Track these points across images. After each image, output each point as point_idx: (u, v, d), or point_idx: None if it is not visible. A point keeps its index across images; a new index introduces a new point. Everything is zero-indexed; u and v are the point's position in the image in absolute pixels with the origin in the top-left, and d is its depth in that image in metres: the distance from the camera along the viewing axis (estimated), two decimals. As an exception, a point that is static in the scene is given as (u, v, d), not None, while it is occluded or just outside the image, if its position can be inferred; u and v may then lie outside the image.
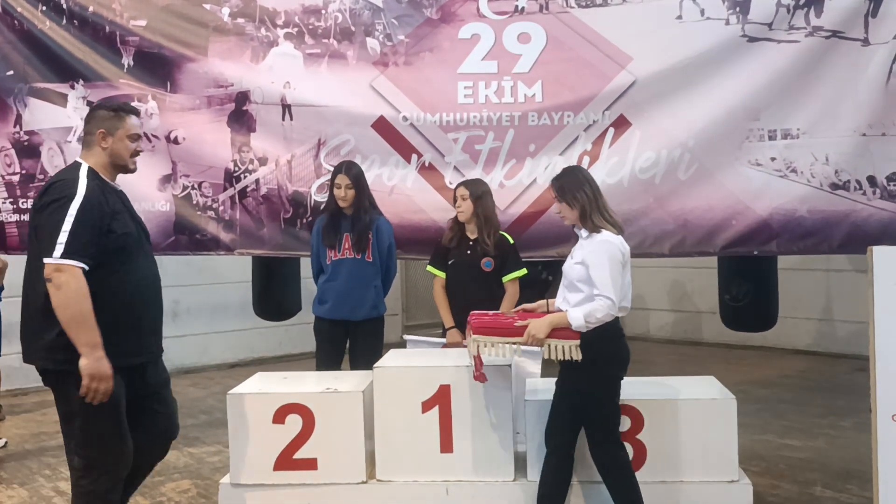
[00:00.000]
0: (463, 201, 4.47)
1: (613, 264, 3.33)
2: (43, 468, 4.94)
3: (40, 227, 3.01)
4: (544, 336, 3.36)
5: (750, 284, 5.36)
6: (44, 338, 3.02)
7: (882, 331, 3.28)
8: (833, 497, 4.14)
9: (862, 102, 4.48)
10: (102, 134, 3.14)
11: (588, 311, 3.31)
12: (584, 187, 3.45)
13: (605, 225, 3.42)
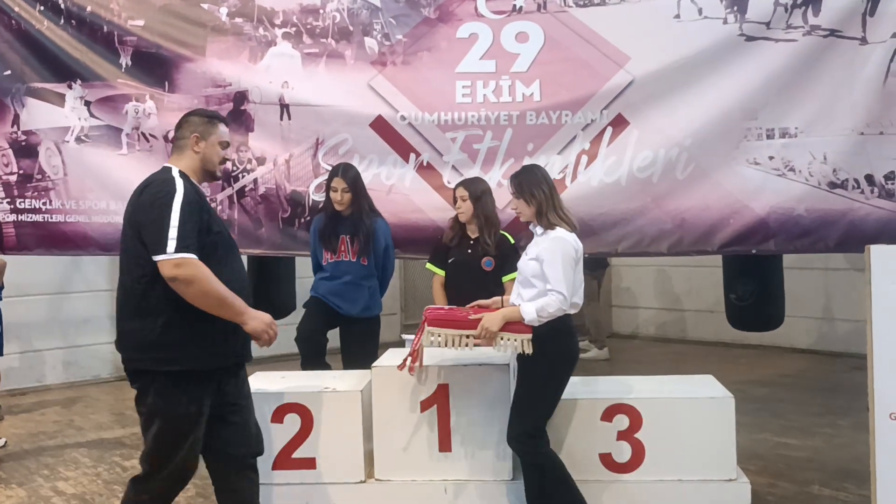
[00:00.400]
0: (463, 202, 4.47)
1: (566, 261, 3.39)
2: (41, 468, 4.94)
3: (145, 226, 2.93)
4: (497, 329, 3.42)
5: (755, 284, 5.36)
6: (135, 337, 2.98)
7: (880, 330, 3.29)
8: (831, 495, 4.15)
9: (859, 101, 4.48)
10: (196, 138, 3.14)
11: (541, 306, 3.37)
12: (541, 185, 3.52)
13: (560, 222, 3.49)
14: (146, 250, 2.91)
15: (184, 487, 3.15)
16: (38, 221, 4.89)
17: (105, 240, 4.93)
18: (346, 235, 4.57)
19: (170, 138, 4.86)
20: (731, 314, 5.59)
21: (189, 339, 2.95)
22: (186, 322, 2.93)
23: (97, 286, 7.63)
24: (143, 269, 2.93)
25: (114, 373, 7.68)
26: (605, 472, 3.77)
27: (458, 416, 3.81)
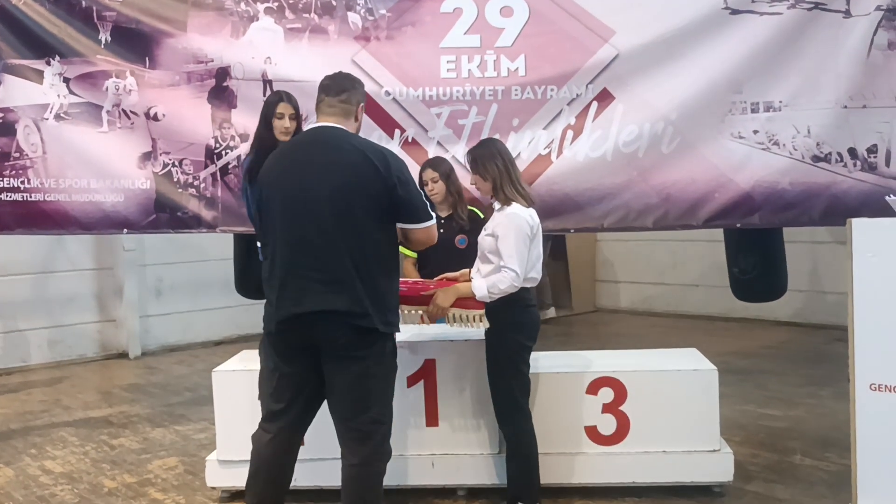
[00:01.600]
0: (434, 184, 4.44)
1: (519, 236, 3.38)
2: (29, 447, 4.94)
3: (400, 194, 3.01)
4: (448, 305, 3.42)
5: (757, 256, 5.39)
6: (378, 301, 3.00)
7: (860, 302, 3.32)
8: (812, 464, 4.21)
9: (843, 74, 4.49)
10: (362, 107, 3.21)
11: (492, 283, 3.38)
12: (495, 159, 3.49)
13: (516, 197, 3.46)
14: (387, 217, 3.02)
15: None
16: (17, 200, 4.83)
17: (86, 218, 4.88)
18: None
19: (151, 115, 4.85)
20: (736, 287, 5.62)
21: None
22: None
23: (82, 265, 7.59)
24: (384, 234, 3.04)
25: (99, 352, 7.66)
26: (590, 445, 3.81)
27: (445, 391, 3.83)
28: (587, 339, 7.66)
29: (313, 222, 2.95)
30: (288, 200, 3.01)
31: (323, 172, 2.97)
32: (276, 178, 3.08)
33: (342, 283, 2.94)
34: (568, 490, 3.82)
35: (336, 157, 3.00)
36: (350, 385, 2.99)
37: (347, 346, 2.97)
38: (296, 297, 2.97)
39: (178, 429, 5.23)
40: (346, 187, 2.95)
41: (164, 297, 8.01)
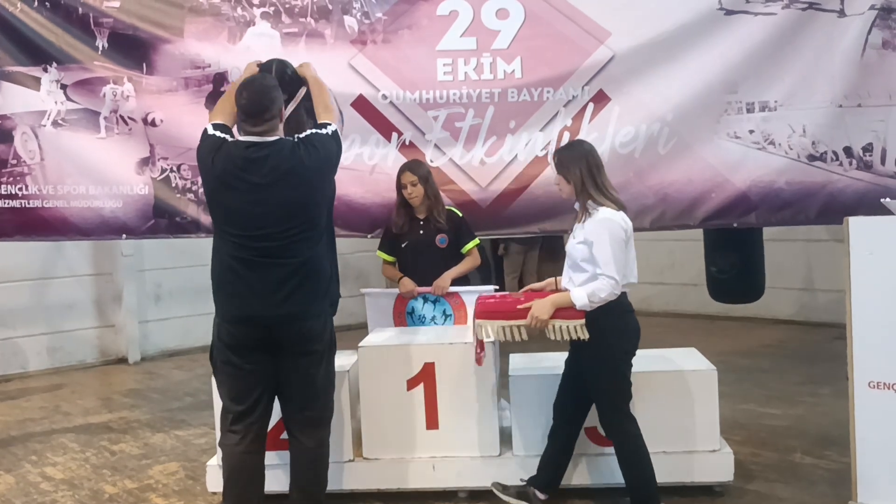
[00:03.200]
0: (413, 187, 4.46)
1: (615, 242, 3.31)
2: (29, 454, 4.94)
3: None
4: (548, 317, 3.35)
5: (736, 256, 5.40)
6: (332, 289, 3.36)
7: (858, 300, 3.34)
8: (813, 463, 4.22)
9: (837, 74, 4.51)
10: (280, 110, 3.33)
11: (591, 291, 3.30)
12: (580, 162, 3.42)
13: (604, 201, 3.38)
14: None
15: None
16: (16, 207, 4.83)
17: (85, 224, 4.89)
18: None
19: (149, 121, 4.85)
20: (712, 287, 5.65)
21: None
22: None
23: (80, 271, 7.59)
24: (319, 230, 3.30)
25: (99, 358, 7.66)
26: (591, 446, 3.82)
27: (445, 394, 3.83)
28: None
29: (269, 231, 3.16)
30: (235, 217, 3.21)
31: (271, 184, 3.16)
32: (223, 194, 3.24)
33: (295, 288, 3.19)
34: (568, 491, 3.82)
35: (279, 167, 3.17)
36: (310, 377, 3.26)
37: (308, 341, 3.23)
38: (253, 306, 3.21)
39: (178, 434, 5.23)
40: (288, 200, 3.18)
41: (164, 302, 8.01)
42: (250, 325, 3.18)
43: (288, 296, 3.16)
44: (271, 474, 3.72)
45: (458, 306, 4.47)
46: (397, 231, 4.59)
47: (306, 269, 3.21)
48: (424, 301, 4.52)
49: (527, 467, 3.81)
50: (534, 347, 3.81)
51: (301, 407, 3.29)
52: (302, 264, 3.19)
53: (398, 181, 4.52)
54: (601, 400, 3.46)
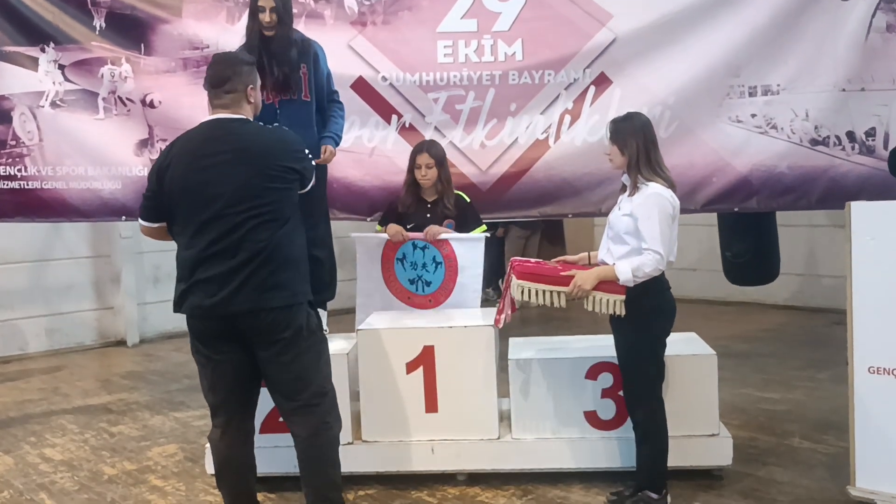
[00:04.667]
0: (428, 169, 4.37)
1: (663, 218, 3.26)
2: (28, 435, 4.94)
3: (305, 168, 3.12)
4: (590, 288, 3.30)
5: (751, 241, 5.40)
6: (293, 279, 3.06)
7: (859, 285, 3.33)
8: (811, 447, 4.23)
9: (841, 58, 4.48)
10: (252, 88, 3.13)
11: (636, 266, 3.25)
12: (637, 136, 3.34)
13: (654, 178, 3.33)
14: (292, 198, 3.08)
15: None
16: (14, 188, 4.82)
17: (84, 206, 4.88)
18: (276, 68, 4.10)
19: (148, 102, 4.83)
20: (728, 271, 5.65)
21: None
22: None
23: (78, 253, 7.57)
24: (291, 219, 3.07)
25: (97, 340, 7.66)
26: (590, 430, 3.82)
27: (444, 377, 3.83)
28: (586, 324, 7.67)
29: (226, 216, 2.94)
30: (198, 197, 2.98)
31: (229, 165, 2.96)
32: (183, 175, 3.02)
33: (252, 275, 2.95)
34: (568, 475, 3.83)
35: (242, 149, 2.99)
36: (284, 366, 3.05)
37: (272, 330, 3.00)
38: (214, 297, 2.99)
39: (177, 416, 5.24)
40: (251, 177, 2.95)
41: (162, 284, 7.99)
42: (207, 318, 3.05)
43: (240, 286, 2.95)
44: (275, 455, 3.74)
45: (448, 254, 4.37)
46: (403, 210, 4.47)
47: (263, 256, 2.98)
48: (414, 247, 4.40)
49: (525, 451, 3.81)
50: (535, 331, 3.81)
51: (285, 396, 3.12)
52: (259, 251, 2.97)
53: (413, 160, 4.42)
54: (633, 378, 3.42)
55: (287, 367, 3.06)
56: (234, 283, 2.95)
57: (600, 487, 3.72)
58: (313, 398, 3.11)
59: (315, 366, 3.13)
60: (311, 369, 3.11)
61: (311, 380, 3.11)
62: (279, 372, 3.07)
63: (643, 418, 3.42)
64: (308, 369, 3.10)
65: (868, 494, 3.37)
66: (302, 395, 3.09)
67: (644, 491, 3.43)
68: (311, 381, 3.11)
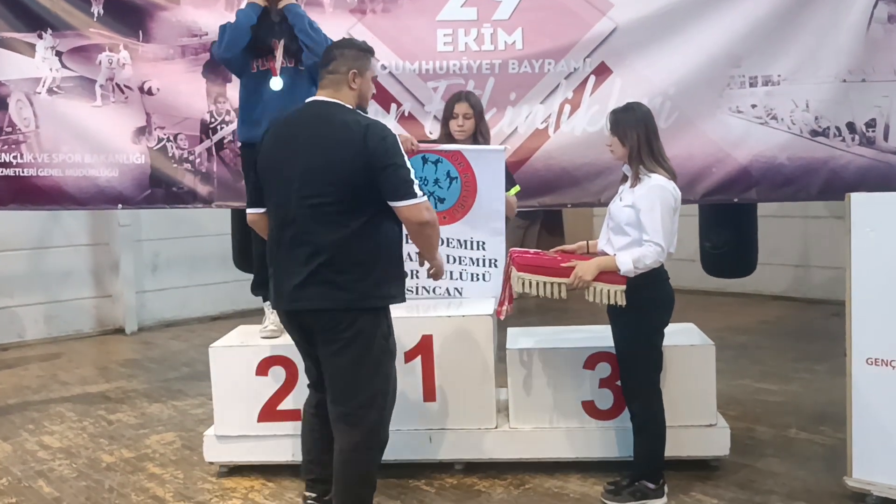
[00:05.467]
0: (466, 120, 4.12)
1: (665, 210, 3.26)
2: (26, 422, 4.95)
3: (384, 172, 2.85)
4: (591, 279, 3.30)
5: (730, 232, 5.41)
6: (370, 279, 2.91)
7: (858, 276, 3.33)
8: (807, 439, 4.24)
9: (842, 48, 4.46)
10: (356, 73, 3.03)
11: (637, 257, 3.25)
12: (638, 126, 3.34)
13: (657, 169, 3.32)
14: (369, 195, 2.87)
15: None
16: (10, 175, 4.80)
17: (81, 194, 4.86)
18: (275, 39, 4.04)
19: (146, 90, 4.81)
20: (706, 262, 5.66)
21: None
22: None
23: (77, 240, 7.56)
24: (367, 212, 2.89)
25: (96, 327, 7.66)
26: (587, 420, 3.83)
27: (442, 366, 3.83)
28: (584, 315, 7.68)
29: (296, 203, 2.89)
30: (277, 176, 2.96)
31: (304, 149, 2.90)
32: (269, 155, 3.00)
33: (311, 272, 2.87)
34: (565, 465, 3.84)
35: (318, 132, 2.92)
36: (337, 368, 2.96)
37: (328, 328, 2.92)
38: (278, 288, 3.00)
39: (175, 404, 5.24)
40: (320, 165, 2.86)
41: (161, 272, 7.99)
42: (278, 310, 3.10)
43: (305, 282, 2.88)
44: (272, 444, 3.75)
45: (465, 169, 4.07)
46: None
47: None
48: (424, 162, 4.09)
49: (523, 440, 3.82)
50: (534, 321, 3.81)
51: (332, 399, 2.99)
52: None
53: (449, 109, 4.17)
54: (631, 368, 3.43)
55: (340, 370, 2.96)
56: (299, 279, 2.88)
57: (597, 477, 3.73)
58: (358, 409, 2.96)
59: (368, 375, 2.96)
60: (362, 377, 2.95)
61: (359, 389, 2.96)
62: (332, 372, 2.99)
63: (641, 409, 3.43)
64: (359, 376, 2.95)
65: (864, 485, 3.38)
66: (347, 402, 2.96)
67: (641, 481, 3.44)
68: (358, 391, 2.96)
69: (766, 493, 3.59)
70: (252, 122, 4.00)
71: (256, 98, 4.01)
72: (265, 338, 4.00)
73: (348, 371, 2.95)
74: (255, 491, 3.78)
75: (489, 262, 4.14)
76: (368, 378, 2.97)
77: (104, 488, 3.89)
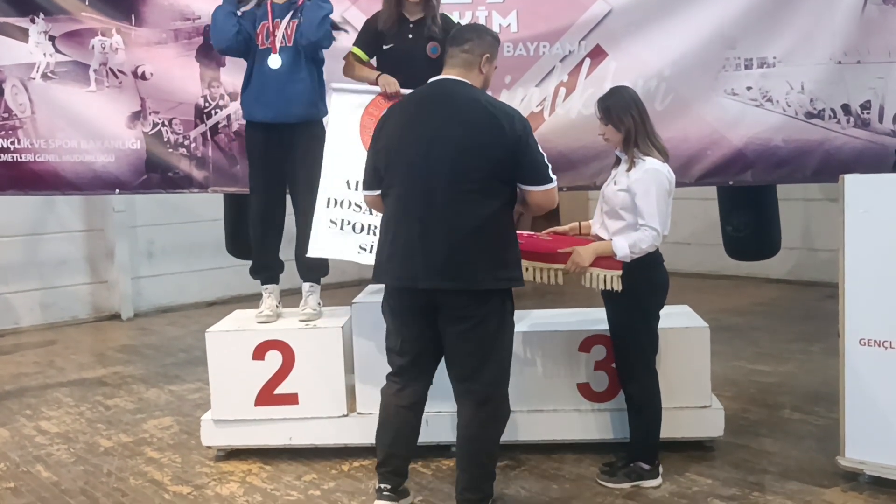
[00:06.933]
0: None
1: (661, 193, 3.27)
2: (24, 408, 4.96)
3: (526, 157, 2.94)
4: (588, 264, 3.30)
5: (751, 214, 5.39)
6: (497, 261, 2.96)
7: (852, 258, 3.34)
8: (801, 419, 4.27)
9: (838, 30, 4.46)
10: (488, 58, 3.06)
11: (633, 242, 3.26)
12: (630, 110, 3.33)
13: (651, 151, 3.32)
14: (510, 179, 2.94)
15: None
16: (8, 161, 4.79)
17: (78, 179, 4.85)
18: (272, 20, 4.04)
19: (139, 74, 4.78)
20: (729, 245, 5.63)
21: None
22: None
23: (72, 227, 7.55)
24: (503, 194, 2.96)
25: (92, 314, 7.66)
26: (583, 402, 3.85)
27: (439, 350, 3.83)
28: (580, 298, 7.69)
29: (434, 183, 2.89)
30: (412, 152, 2.93)
31: (445, 128, 2.91)
32: (399, 129, 2.99)
33: (451, 251, 2.88)
34: (561, 446, 3.86)
35: (458, 112, 2.93)
36: (469, 345, 2.97)
37: (462, 307, 2.94)
38: (406, 267, 2.95)
39: (172, 389, 5.25)
40: (468, 146, 2.88)
41: (156, 258, 7.99)
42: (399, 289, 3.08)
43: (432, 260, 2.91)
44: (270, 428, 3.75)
45: None
46: (381, 28, 4.05)
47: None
48: None
49: (518, 422, 3.83)
50: (529, 304, 3.82)
51: (461, 376, 3.07)
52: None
53: None
54: (627, 351, 3.44)
55: (470, 347, 2.98)
56: (435, 258, 2.89)
57: (592, 459, 3.76)
58: (488, 386, 3.02)
59: (498, 352, 3.03)
60: (493, 354, 3.01)
61: (491, 365, 3.01)
62: (461, 353, 3.00)
63: (637, 391, 3.44)
64: (488, 356, 3.00)
65: (856, 465, 3.41)
66: (480, 379, 3.00)
67: (637, 462, 3.47)
68: (490, 367, 3.01)
69: (759, 472, 3.62)
70: (251, 100, 4.07)
71: (256, 76, 4.05)
72: (261, 322, 4.01)
73: (480, 348, 2.99)
74: (252, 474, 3.80)
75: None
76: (499, 355, 3.03)
77: (102, 473, 3.91)
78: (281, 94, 4.00)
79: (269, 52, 4.01)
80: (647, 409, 3.45)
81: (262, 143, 4.09)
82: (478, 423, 3.05)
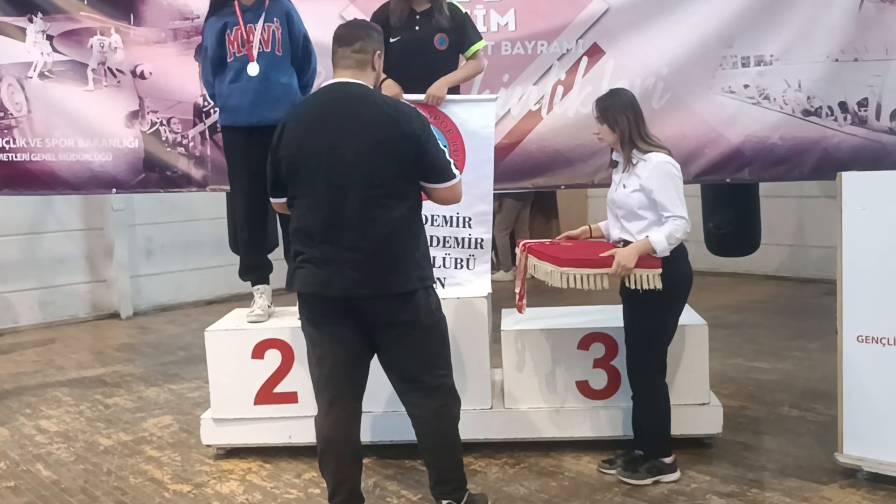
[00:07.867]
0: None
1: (676, 182, 3.29)
2: (23, 407, 4.96)
3: (427, 155, 2.88)
4: (632, 266, 3.28)
5: (732, 211, 5.43)
6: (412, 262, 2.93)
7: (849, 255, 3.35)
8: (800, 416, 4.28)
9: (835, 28, 4.47)
10: (379, 54, 3.02)
11: (668, 233, 3.26)
12: (626, 111, 3.35)
13: (651, 147, 3.34)
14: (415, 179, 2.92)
15: None
16: (3, 160, 4.79)
17: (75, 178, 4.85)
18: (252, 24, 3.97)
19: (138, 73, 4.78)
20: (710, 242, 5.68)
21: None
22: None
23: (70, 226, 7.54)
24: (411, 195, 2.93)
25: (91, 312, 7.66)
26: (582, 400, 3.85)
27: (438, 348, 3.84)
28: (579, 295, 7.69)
29: (341, 191, 2.83)
30: (315, 161, 2.86)
31: (345, 134, 2.84)
32: (298, 139, 2.90)
33: (365, 258, 2.83)
34: (560, 444, 3.87)
35: (357, 117, 2.87)
36: (407, 348, 2.96)
37: (385, 312, 2.91)
38: (321, 274, 2.88)
39: (171, 387, 5.26)
40: (370, 150, 2.83)
41: (155, 257, 7.99)
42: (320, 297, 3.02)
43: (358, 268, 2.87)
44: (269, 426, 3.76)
45: (454, 137, 3.93)
46: (394, 21, 3.95)
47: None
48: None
49: (518, 420, 3.85)
50: (528, 302, 3.83)
51: (406, 377, 3.06)
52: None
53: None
54: (648, 347, 3.43)
55: (408, 350, 2.97)
56: (350, 265, 2.84)
57: (592, 455, 3.77)
58: (436, 378, 3.02)
59: (437, 346, 3.04)
60: (433, 349, 3.02)
61: (434, 360, 3.02)
62: (402, 353, 2.98)
63: (653, 389, 3.45)
64: (430, 349, 3.01)
65: (855, 461, 3.42)
66: (426, 374, 3.00)
67: (658, 458, 3.50)
68: (433, 362, 3.02)
69: (758, 469, 3.63)
70: (230, 108, 4.00)
71: (234, 83, 3.97)
72: (252, 322, 4.01)
73: (419, 346, 2.98)
74: (252, 472, 3.81)
75: (475, 242, 4.05)
76: (439, 346, 3.05)
77: (102, 471, 3.91)
78: (262, 98, 3.93)
79: (246, 60, 3.93)
80: (663, 405, 3.47)
81: (244, 144, 4.02)
82: (431, 415, 3.03)
